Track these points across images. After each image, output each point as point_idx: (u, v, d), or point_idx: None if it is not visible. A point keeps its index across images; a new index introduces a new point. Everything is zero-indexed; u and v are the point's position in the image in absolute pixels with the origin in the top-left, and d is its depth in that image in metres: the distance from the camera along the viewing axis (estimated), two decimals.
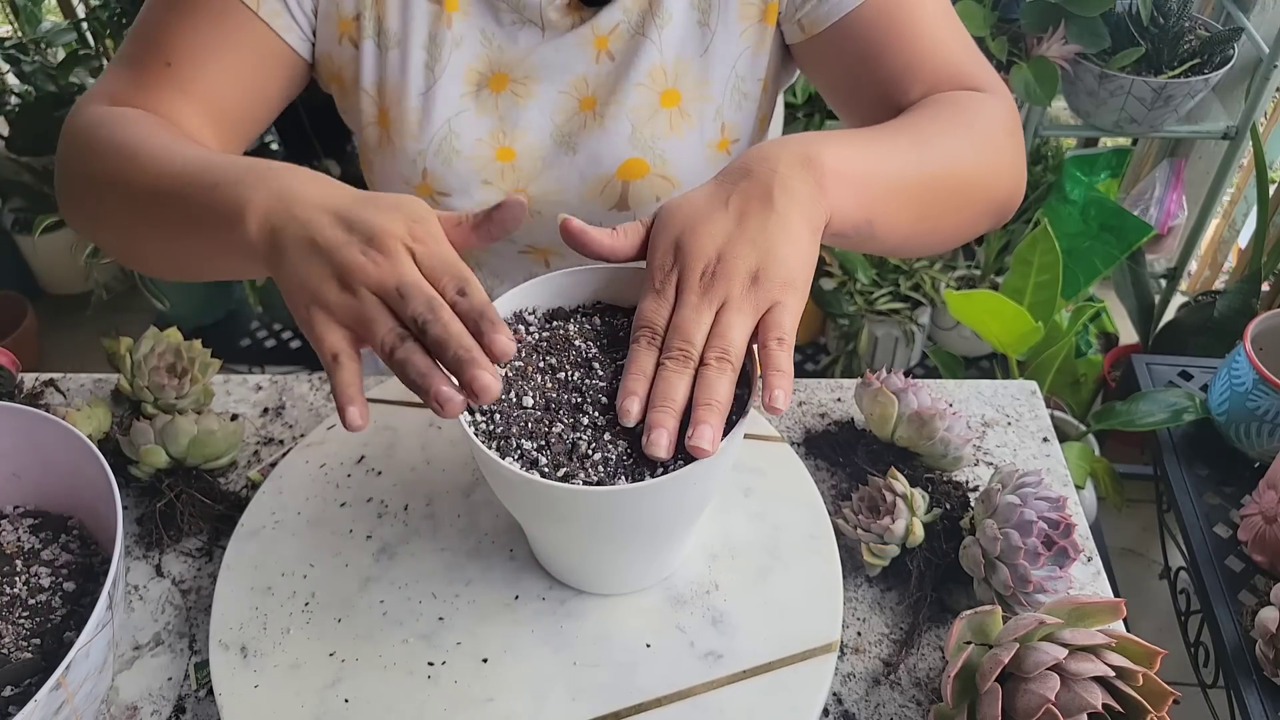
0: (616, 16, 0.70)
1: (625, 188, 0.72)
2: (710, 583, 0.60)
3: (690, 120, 0.72)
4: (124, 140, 0.61)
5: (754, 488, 0.65)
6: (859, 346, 1.78)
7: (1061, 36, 1.36)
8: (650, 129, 0.71)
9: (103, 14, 1.65)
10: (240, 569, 0.61)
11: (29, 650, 0.55)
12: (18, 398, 0.76)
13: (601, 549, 0.54)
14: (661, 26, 0.69)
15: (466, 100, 0.71)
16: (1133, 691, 0.49)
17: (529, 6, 0.69)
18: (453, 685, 0.55)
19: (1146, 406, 1.06)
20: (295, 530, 0.63)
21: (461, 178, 0.72)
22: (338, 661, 0.56)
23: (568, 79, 0.71)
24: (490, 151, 0.72)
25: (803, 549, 0.61)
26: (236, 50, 0.68)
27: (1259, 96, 1.41)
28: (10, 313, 2.02)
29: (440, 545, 0.62)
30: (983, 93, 0.67)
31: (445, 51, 0.70)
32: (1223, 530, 0.92)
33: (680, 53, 0.70)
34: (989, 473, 0.70)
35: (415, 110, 0.71)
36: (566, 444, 0.48)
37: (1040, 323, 1.14)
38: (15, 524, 0.62)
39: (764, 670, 0.55)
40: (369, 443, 0.69)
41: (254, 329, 2.00)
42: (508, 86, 0.71)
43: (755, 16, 0.70)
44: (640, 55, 0.70)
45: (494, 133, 0.72)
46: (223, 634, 0.58)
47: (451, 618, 0.58)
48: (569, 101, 0.72)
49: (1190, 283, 1.98)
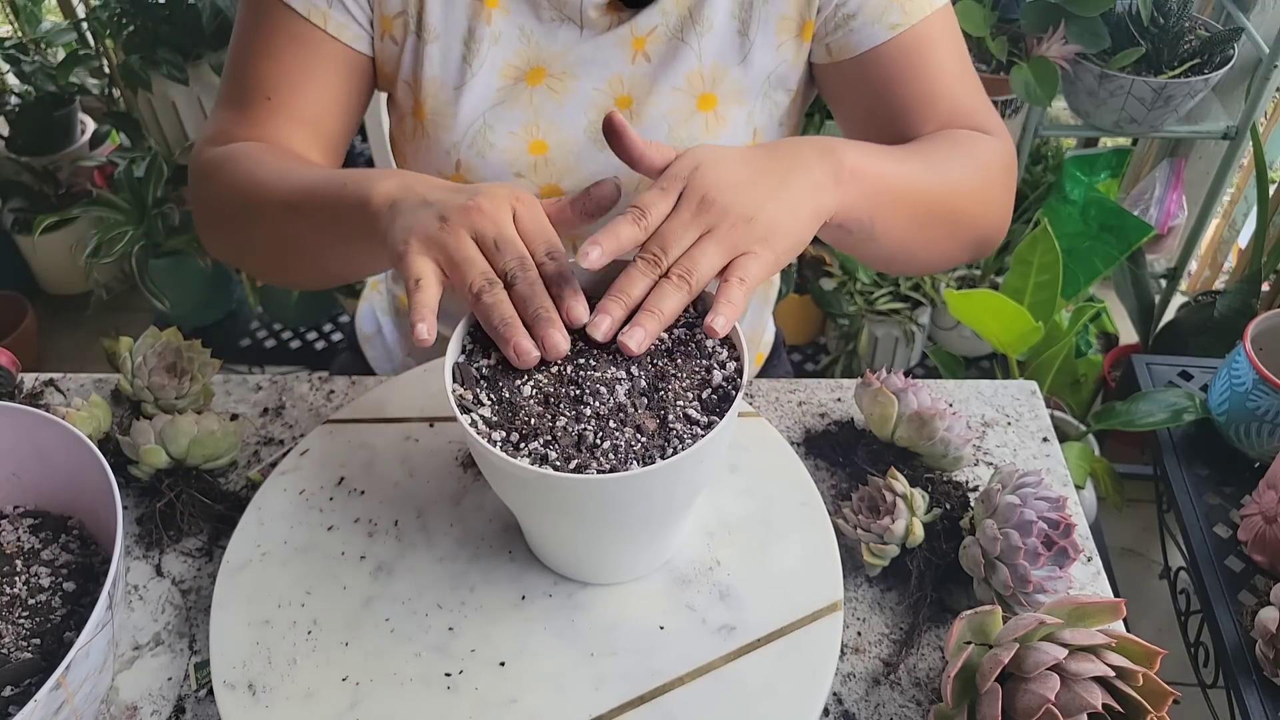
0: (655, 19, 0.71)
1: None
2: (712, 560, 0.61)
3: (725, 124, 0.74)
4: (248, 171, 0.67)
5: (740, 464, 0.66)
6: (859, 346, 1.78)
7: (1061, 36, 1.36)
8: (687, 130, 0.73)
9: (103, 14, 1.65)
10: (232, 605, 0.59)
11: (29, 650, 0.55)
12: (18, 398, 0.76)
13: (612, 537, 0.54)
14: (702, 34, 0.71)
15: (502, 93, 0.73)
16: (1133, 691, 0.49)
17: (569, 4, 0.70)
18: (474, 692, 0.55)
19: (1146, 406, 1.06)
20: (284, 560, 0.62)
21: (494, 169, 0.74)
22: (352, 685, 0.55)
23: (604, 77, 0.73)
24: (523, 144, 0.73)
25: (795, 517, 0.63)
26: (321, 69, 0.72)
27: (1259, 96, 1.41)
28: (10, 313, 2.02)
29: (438, 556, 0.62)
30: (989, 135, 0.72)
31: (484, 47, 0.71)
32: (1223, 530, 0.92)
33: (718, 59, 0.72)
34: (989, 473, 0.70)
35: (450, 103, 0.73)
36: (573, 436, 0.49)
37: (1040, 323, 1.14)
38: (15, 524, 0.62)
39: (776, 636, 0.57)
40: (346, 464, 0.67)
41: (254, 329, 2.00)
42: (544, 81, 0.73)
43: (793, 31, 0.72)
44: (678, 59, 0.72)
45: (527, 126, 0.73)
46: (226, 674, 0.56)
47: (461, 626, 0.58)
48: (604, 99, 0.73)
49: (1190, 283, 1.98)
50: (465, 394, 0.51)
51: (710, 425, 0.49)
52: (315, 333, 2.00)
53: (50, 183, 2.01)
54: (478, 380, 0.52)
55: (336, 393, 0.77)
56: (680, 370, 0.52)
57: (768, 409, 0.75)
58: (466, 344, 0.54)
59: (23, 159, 1.99)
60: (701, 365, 0.53)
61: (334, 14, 0.71)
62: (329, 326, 2.01)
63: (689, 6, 0.71)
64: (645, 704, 0.54)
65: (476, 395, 0.51)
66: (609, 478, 0.46)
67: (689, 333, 0.54)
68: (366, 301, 1.04)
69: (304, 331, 2.00)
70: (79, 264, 1.71)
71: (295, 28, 0.70)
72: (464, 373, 0.52)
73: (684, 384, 0.51)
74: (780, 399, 0.76)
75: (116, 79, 1.77)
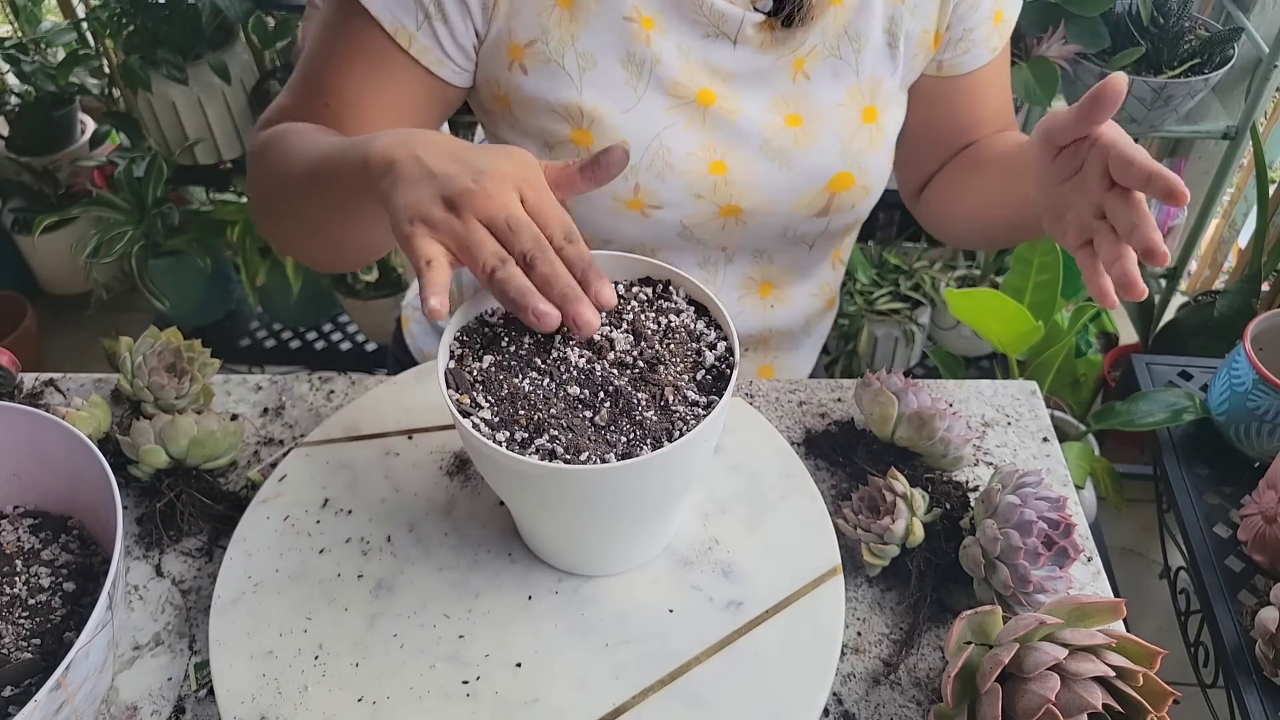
0: (814, 39, 0.72)
1: (831, 198, 0.77)
2: (710, 539, 0.62)
3: (884, 133, 0.77)
4: (285, 147, 0.66)
5: (723, 444, 0.68)
6: (859, 346, 1.78)
7: (1061, 36, 1.36)
8: (857, 144, 0.76)
9: (102, 14, 1.65)
10: (232, 641, 0.57)
11: (29, 650, 0.55)
12: (17, 398, 0.76)
13: (620, 526, 0.55)
14: (859, 50, 0.73)
15: (674, 114, 0.72)
16: (1133, 691, 0.49)
17: (728, 21, 0.70)
18: (494, 696, 0.55)
19: (1146, 406, 1.06)
20: (279, 589, 0.60)
21: (675, 191, 0.74)
22: (369, 705, 0.54)
23: (769, 97, 0.74)
24: (703, 165, 0.74)
25: (784, 489, 0.65)
26: (390, 90, 0.71)
27: (1259, 96, 1.40)
28: (10, 313, 2.02)
29: (437, 566, 0.61)
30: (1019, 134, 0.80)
31: (646, 69, 0.71)
32: (1222, 530, 0.92)
33: (874, 73, 0.75)
34: (989, 473, 0.70)
35: (620, 128, 0.71)
36: (577, 428, 0.49)
37: (1040, 322, 1.13)
38: (15, 524, 0.62)
39: (784, 605, 0.58)
40: (329, 484, 0.66)
41: (254, 329, 2.00)
42: (715, 102, 0.73)
43: (928, 43, 0.75)
44: (839, 77, 0.74)
45: (705, 147, 0.73)
46: (236, 710, 0.54)
47: (471, 633, 0.58)
48: (774, 119, 0.74)
49: (1190, 282, 1.98)
50: (463, 398, 0.51)
51: (710, 405, 0.50)
52: (315, 333, 2.01)
53: (50, 182, 2.01)
54: (473, 384, 0.52)
55: (336, 393, 0.77)
56: (673, 355, 0.53)
57: (768, 409, 0.75)
58: (455, 349, 0.54)
59: (22, 159, 1.99)
60: (692, 349, 0.53)
61: (420, 37, 0.68)
62: (329, 326, 2.02)
63: (844, 24, 0.72)
64: (666, 686, 0.55)
65: (474, 399, 0.51)
66: (622, 465, 0.47)
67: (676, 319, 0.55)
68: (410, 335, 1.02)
69: (304, 331, 2.00)
70: (79, 264, 1.71)
71: (376, 46, 0.69)
72: (458, 378, 0.52)
73: (678, 368, 0.52)
74: (780, 399, 0.76)
75: (116, 79, 1.77)
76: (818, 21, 0.71)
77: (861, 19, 0.72)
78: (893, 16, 0.73)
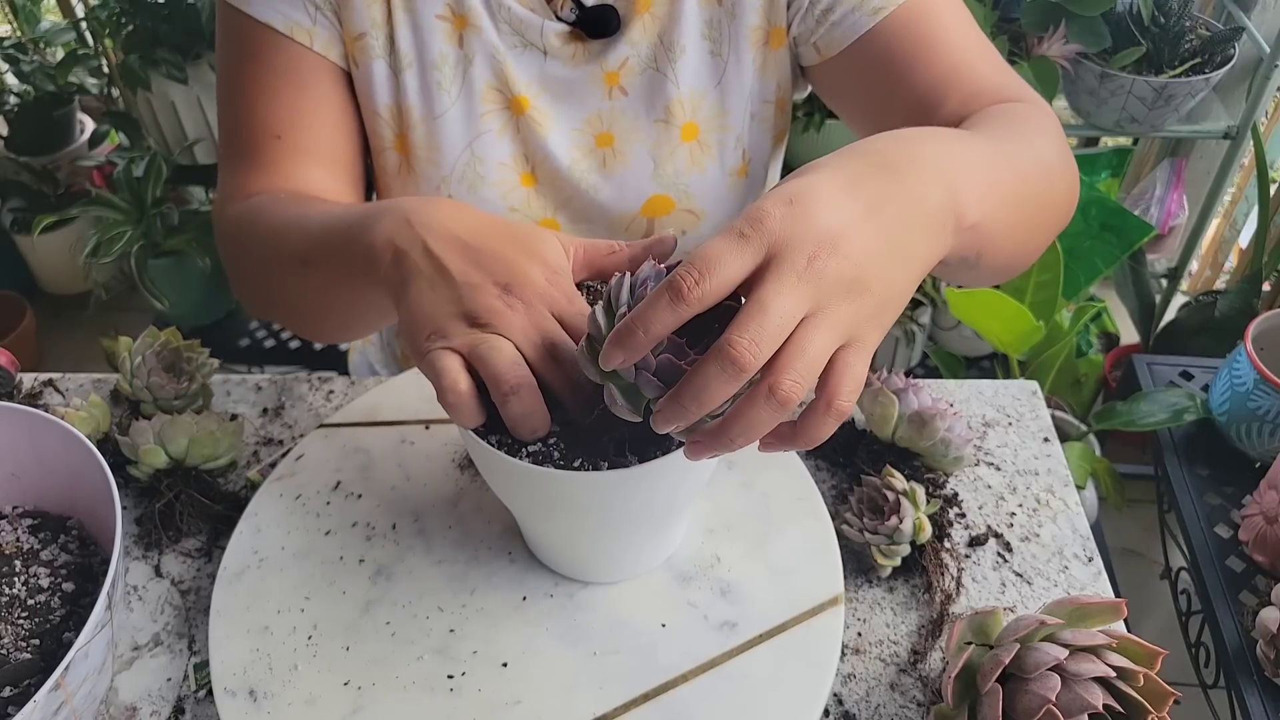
0: (625, 52, 0.68)
1: (650, 223, 0.72)
2: (712, 556, 0.61)
3: (710, 151, 0.71)
4: (268, 227, 0.62)
5: (736, 460, 0.67)
6: None
7: (1062, 36, 1.36)
8: (672, 165, 0.70)
9: (102, 14, 1.65)
10: (231, 613, 0.59)
11: (28, 651, 0.55)
12: (17, 398, 0.75)
13: (617, 534, 0.54)
14: (674, 60, 0.68)
15: (488, 120, 0.69)
16: (1133, 692, 0.48)
17: (529, 29, 0.67)
18: (477, 694, 0.54)
19: (1147, 406, 1.06)
20: (282, 566, 0.61)
21: (489, 205, 0.71)
22: (354, 690, 0.55)
23: (582, 116, 0.70)
24: (515, 176, 0.71)
25: (793, 511, 0.63)
26: (320, 93, 0.68)
27: (1260, 96, 1.40)
28: (9, 313, 2.02)
29: (437, 558, 0.61)
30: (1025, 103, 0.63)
31: (457, 70, 0.68)
32: (1224, 530, 0.92)
33: (695, 85, 0.69)
34: (989, 473, 0.70)
35: (434, 134, 0.69)
36: (574, 432, 0.49)
37: (1041, 322, 1.14)
38: (14, 524, 0.62)
39: (778, 631, 0.57)
40: (343, 467, 0.67)
41: (253, 329, 2.00)
42: (527, 111, 0.69)
43: (760, 40, 0.69)
44: (655, 90, 0.69)
45: (515, 157, 0.70)
46: (226, 681, 0.55)
47: (462, 628, 0.58)
48: (585, 138, 0.70)
49: (1191, 282, 1.98)
50: None
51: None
52: None
53: (49, 182, 2.01)
54: None
55: (336, 393, 0.77)
56: None
57: None
58: None
59: (22, 159, 1.99)
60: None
61: (319, 31, 0.66)
62: None
63: (658, 34, 0.68)
64: (649, 701, 0.54)
65: None
66: (617, 473, 0.46)
67: None
68: (359, 353, 0.99)
69: None
70: (78, 264, 1.71)
71: (283, 56, 0.66)
72: None
73: None
74: None
75: (115, 79, 1.77)
76: (627, 33, 0.67)
77: (676, 28, 0.67)
78: (710, 20, 0.68)
